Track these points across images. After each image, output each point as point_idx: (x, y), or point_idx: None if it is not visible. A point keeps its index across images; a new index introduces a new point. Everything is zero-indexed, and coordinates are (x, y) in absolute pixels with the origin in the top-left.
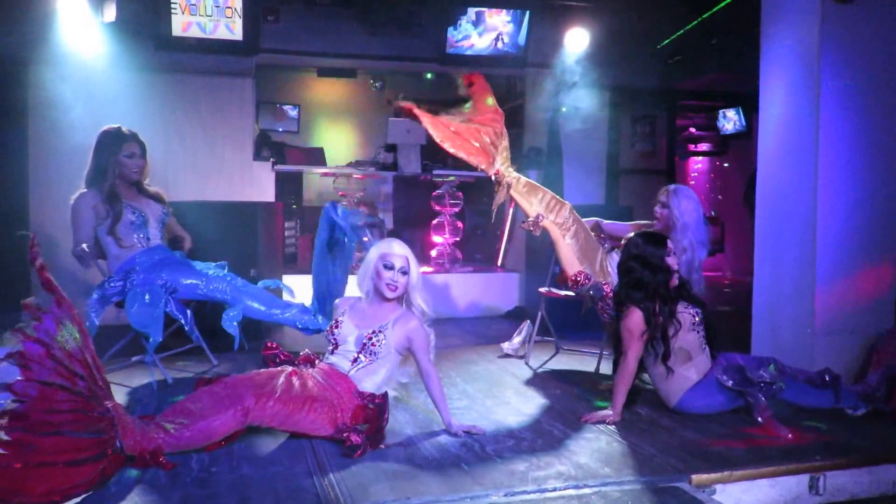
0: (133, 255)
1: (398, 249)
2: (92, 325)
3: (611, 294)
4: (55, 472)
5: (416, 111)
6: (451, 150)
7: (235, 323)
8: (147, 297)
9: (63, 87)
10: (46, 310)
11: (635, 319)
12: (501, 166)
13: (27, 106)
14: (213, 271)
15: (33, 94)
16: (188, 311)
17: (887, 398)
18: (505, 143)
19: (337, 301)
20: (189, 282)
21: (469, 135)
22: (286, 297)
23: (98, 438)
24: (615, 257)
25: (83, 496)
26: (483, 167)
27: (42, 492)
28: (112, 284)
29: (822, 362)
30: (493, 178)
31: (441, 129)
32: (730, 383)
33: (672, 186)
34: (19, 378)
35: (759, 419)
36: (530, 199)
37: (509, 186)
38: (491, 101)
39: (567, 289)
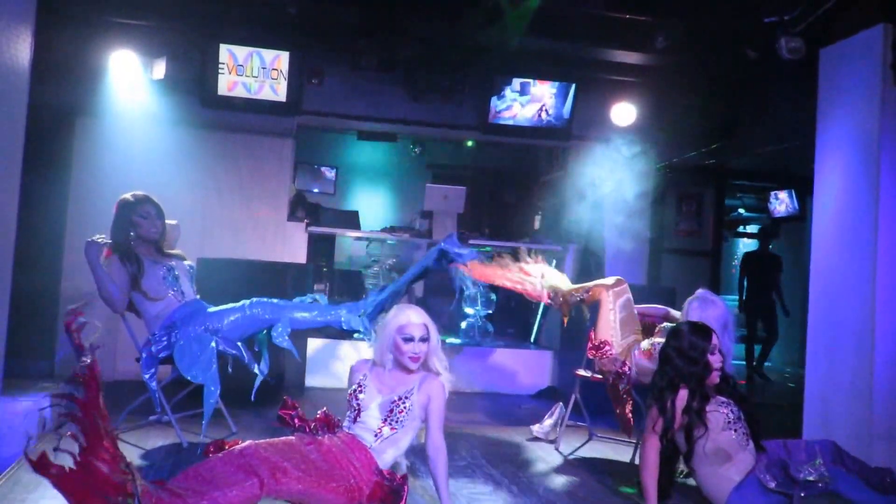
0: (172, 312)
1: (415, 318)
2: (150, 388)
3: (626, 369)
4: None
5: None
6: (509, 285)
7: (287, 336)
8: (194, 346)
9: (108, 139)
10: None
11: (652, 413)
12: (545, 286)
13: (72, 156)
14: (244, 302)
15: (79, 144)
16: (241, 346)
17: None
18: (531, 265)
19: (353, 364)
20: (230, 319)
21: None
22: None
23: (121, 484)
24: (637, 355)
25: None
26: (535, 297)
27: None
28: (157, 341)
29: None
30: (549, 301)
31: (492, 275)
32: (772, 485)
33: (699, 292)
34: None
35: None
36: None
37: (563, 296)
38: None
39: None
